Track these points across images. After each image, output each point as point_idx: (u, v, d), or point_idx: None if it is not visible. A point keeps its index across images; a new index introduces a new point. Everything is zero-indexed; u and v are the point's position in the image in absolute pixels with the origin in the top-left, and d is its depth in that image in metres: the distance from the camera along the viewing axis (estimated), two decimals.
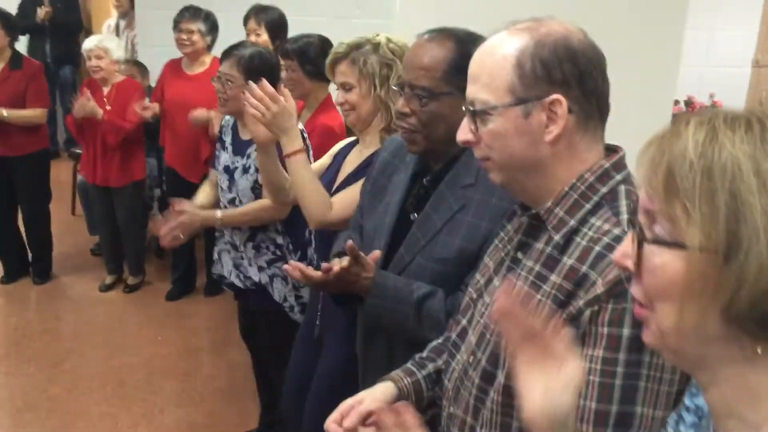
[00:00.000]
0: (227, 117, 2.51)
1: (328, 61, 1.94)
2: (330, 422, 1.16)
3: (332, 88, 2.19)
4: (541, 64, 0.99)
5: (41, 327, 3.77)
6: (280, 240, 2.42)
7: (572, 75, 1.00)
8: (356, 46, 1.86)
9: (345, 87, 1.89)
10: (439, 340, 1.35)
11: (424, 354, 1.33)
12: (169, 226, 2.34)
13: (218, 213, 2.39)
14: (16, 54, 3.95)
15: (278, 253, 2.42)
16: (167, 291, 4.14)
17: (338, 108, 2.03)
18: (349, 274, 1.45)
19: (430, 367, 1.29)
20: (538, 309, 0.82)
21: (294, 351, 2.20)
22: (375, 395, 1.21)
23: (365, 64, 1.84)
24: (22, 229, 4.20)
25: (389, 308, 1.48)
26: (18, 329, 3.77)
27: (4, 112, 3.79)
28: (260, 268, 2.43)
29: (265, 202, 2.33)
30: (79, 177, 4.46)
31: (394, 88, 1.60)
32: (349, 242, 1.44)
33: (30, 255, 4.23)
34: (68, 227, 4.78)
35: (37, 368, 3.36)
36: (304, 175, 1.83)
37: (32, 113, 3.90)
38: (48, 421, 2.98)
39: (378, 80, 1.84)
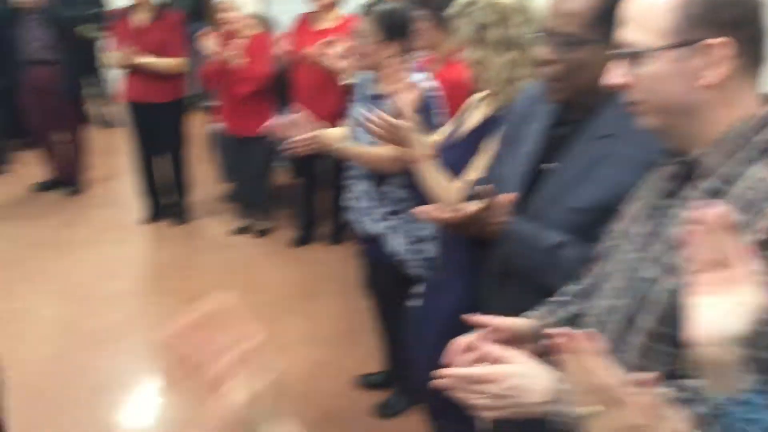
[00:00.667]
0: (364, 71, 2.58)
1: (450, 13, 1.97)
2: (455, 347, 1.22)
3: None
4: (710, 4, 0.97)
5: (180, 264, 4.08)
6: (401, 194, 2.48)
7: (739, 18, 0.97)
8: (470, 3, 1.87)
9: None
10: (573, 287, 1.36)
11: (557, 300, 1.36)
12: (299, 139, 2.43)
13: (341, 143, 2.45)
14: (158, 5, 4.19)
15: (399, 206, 2.49)
16: (293, 237, 4.36)
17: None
18: (482, 217, 1.49)
19: (563, 312, 1.32)
20: (734, 234, 0.80)
21: (418, 297, 2.28)
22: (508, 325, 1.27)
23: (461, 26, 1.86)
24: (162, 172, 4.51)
25: (521, 254, 1.51)
26: (160, 265, 4.10)
27: (145, 59, 4.05)
28: (380, 219, 2.52)
29: (384, 150, 2.39)
30: (214, 127, 4.73)
31: (536, 36, 1.61)
32: (485, 186, 1.48)
33: (171, 198, 4.54)
34: (202, 173, 5.07)
35: (176, 301, 3.65)
36: (431, 178, 1.90)
37: (174, 62, 4.15)
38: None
39: (472, 43, 1.85)
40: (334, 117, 3.39)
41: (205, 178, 5.06)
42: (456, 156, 1.98)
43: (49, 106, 4.65)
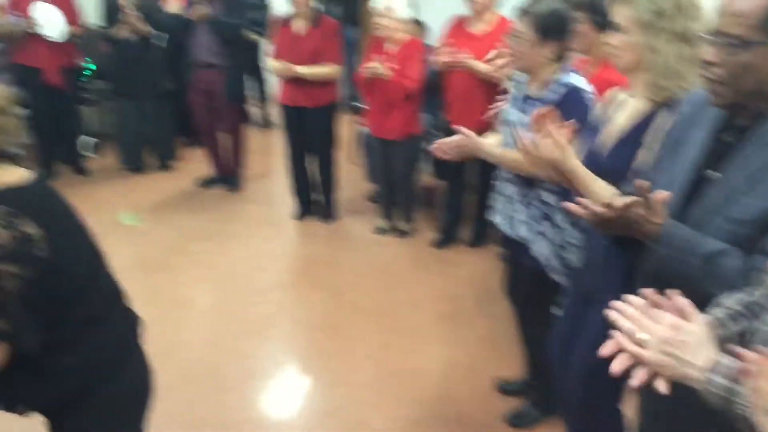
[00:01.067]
0: (518, 72, 2.57)
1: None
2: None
3: None
4: None
5: (326, 260, 4.25)
6: (549, 198, 2.43)
7: None
8: None
9: (616, 28, 1.87)
10: (742, 299, 1.28)
11: (725, 310, 1.27)
12: (447, 143, 2.48)
13: (490, 147, 2.46)
14: (317, 13, 4.37)
15: (545, 210, 2.45)
16: (435, 239, 4.40)
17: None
18: (635, 214, 1.44)
19: (733, 325, 1.24)
20: None
21: (563, 304, 2.23)
22: None
23: (637, 6, 1.80)
24: (311, 172, 4.71)
25: (676, 258, 1.43)
26: (307, 260, 4.29)
27: (303, 70, 4.25)
28: (526, 224, 2.49)
29: None
30: (361, 129, 4.87)
31: (701, 36, 1.54)
32: (642, 181, 1.43)
33: (318, 196, 4.74)
34: (349, 174, 5.24)
35: (323, 295, 3.81)
36: (585, 177, 1.85)
37: (329, 69, 4.32)
38: (333, 341, 3.39)
39: (645, 27, 1.78)
40: (486, 122, 3.39)
41: (352, 177, 5.23)
42: (611, 155, 1.92)
43: (213, 107, 5.00)
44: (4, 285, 1.43)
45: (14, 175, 1.59)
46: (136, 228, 4.62)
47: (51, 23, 4.92)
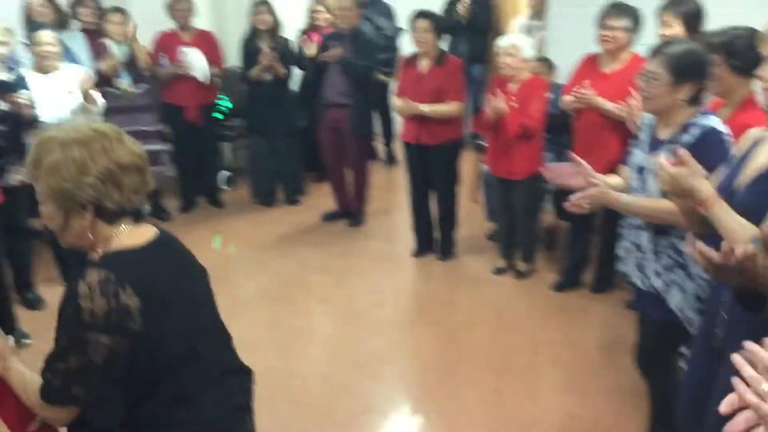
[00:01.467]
0: (647, 115, 2.47)
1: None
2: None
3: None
4: None
5: (442, 298, 4.22)
6: (682, 246, 2.30)
7: None
8: None
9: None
10: None
11: None
12: (578, 195, 2.40)
13: (623, 197, 2.36)
14: (441, 52, 4.42)
15: (679, 259, 2.32)
16: (555, 281, 4.27)
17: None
18: (757, 265, 1.33)
19: None
20: None
21: (690, 359, 2.09)
22: None
23: None
24: (432, 210, 4.72)
25: None
26: (423, 298, 4.28)
27: (426, 108, 4.30)
28: (658, 273, 2.37)
29: (668, 203, 2.24)
30: (482, 167, 4.84)
31: None
32: (766, 228, 1.32)
33: (437, 233, 4.74)
34: (468, 212, 5.21)
35: (437, 334, 3.78)
36: (726, 219, 1.73)
37: (450, 108, 4.34)
38: (445, 382, 3.35)
39: None
40: (614, 164, 3.28)
41: (472, 215, 5.19)
42: (748, 191, 1.79)
43: (341, 144, 5.16)
44: (91, 355, 1.42)
45: (133, 235, 1.54)
46: (263, 259, 4.82)
47: (196, 65, 5.29)
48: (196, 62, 5.28)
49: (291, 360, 3.56)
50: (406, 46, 5.56)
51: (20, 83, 3.85)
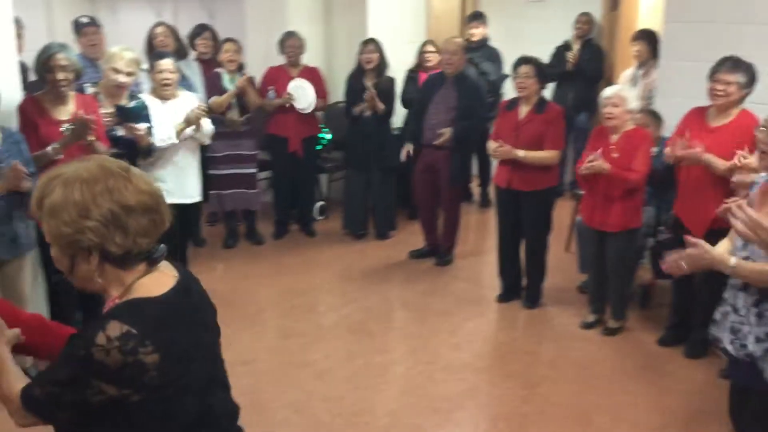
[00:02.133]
0: (762, 174, 2.34)
1: None
2: None
3: None
4: None
5: (523, 348, 4.09)
6: None
7: None
8: None
9: None
10: None
11: None
12: (678, 254, 2.30)
13: (732, 260, 2.22)
14: (541, 99, 4.37)
15: None
16: (648, 342, 4.06)
17: None
18: None
19: None
20: None
21: None
22: None
23: None
24: (521, 256, 4.62)
25: None
26: (504, 345, 4.17)
27: (522, 153, 4.24)
28: (758, 339, 2.21)
29: None
30: (578, 217, 4.70)
31: None
32: None
33: (525, 280, 4.63)
34: (560, 262, 5.07)
35: (514, 385, 3.66)
36: None
37: (547, 155, 4.26)
38: None
39: None
40: (718, 220, 3.12)
41: (563, 265, 5.04)
42: None
43: (436, 184, 5.16)
44: (89, 396, 1.36)
45: (156, 282, 1.46)
46: (346, 291, 4.85)
47: (303, 97, 5.46)
48: (302, 94, 5.44)
49: (363, 394, 3.54)
50: (510, 91, 5.55)
51: (142, 111, 4.03)
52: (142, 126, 3.92)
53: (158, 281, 1.46)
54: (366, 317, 4.45)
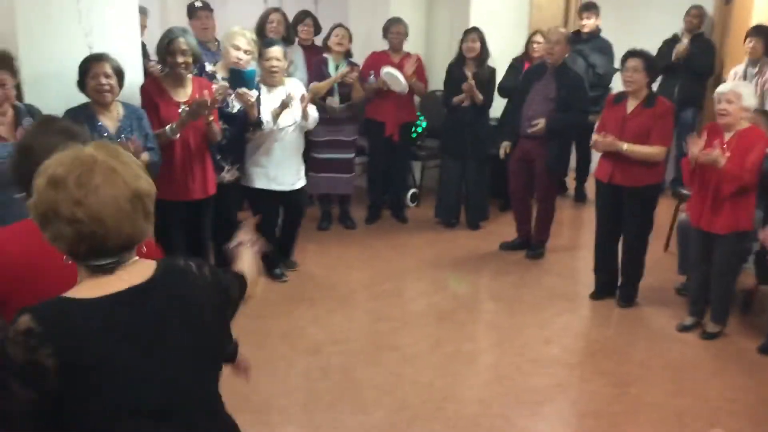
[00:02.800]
0: None
1: None
2: None
3: None
4: None
5: (616, 347, 4.02)
6: None
7: None
8: None
9: None
10: None
11: None
12: None
13: None
14: (651, 93, 4.23)
15: None
16: (748, 348, 3.91)
17: None
18: None
19: None
20: None
21: None
22: None
23: None
24: (619, 253, 4.52)
25: None
26: (596, 343, 4.11)
27: (625, 146, 4.12)
28: None
29: None
30: (681, 216, 4.56)
31: None
32: None
33: (620, 278, 4.53)
34: (658, 262, 4.93)
35: (605, 383, 3.61)
36: None
37: (653, 150, 4.13)
38: None
39: None
40: None
41: (662, 265, 4.90)
42: None
43: (531, 175, 5.12)
44: (4, 401, 1.28)
45: (92, 284, 1.37)
46: (436, 278, 4.90)
47: (394, 83, 5.50)
48: (393, 80, 5.48)
49: (451, 381, 3.58)
50: (618, 85, 5.41)
51: (253, 78, 4.13)
52: (253, 93, 4.05)
53: (99, 284, 1.37)
54: (455, 306, 4.48)
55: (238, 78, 4.02)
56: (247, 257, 1.87)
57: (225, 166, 4.21)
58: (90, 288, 1.36)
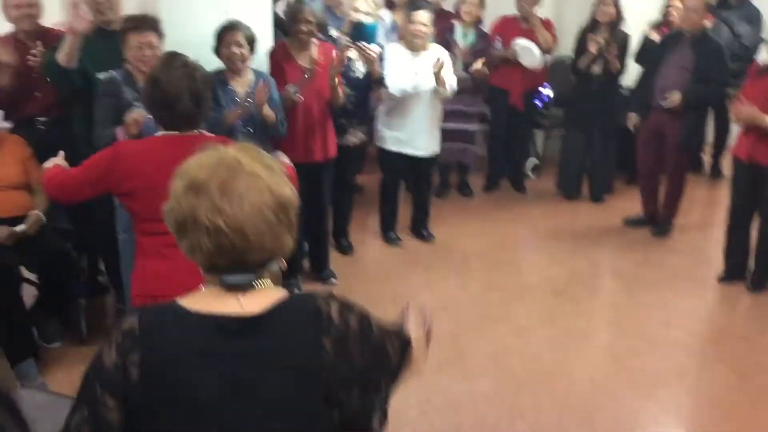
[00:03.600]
0: None
1: None
2: None
3: None
4: None
5: (742, 333, 3.80)
6: None
7: None
8: None
9: None
10: None
11: None
12: None
13: None
14: None
15: None
16: None
17: None
18: None
19: None
20: None
21: None
22: None
23: None
24: (752, 235, 4.24)
25: None
26: (720, 328, 3.90)
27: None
28: None
29: None
30: None
31: None
32: None
33: (753, 262, 4.24)
34: None
35: (727, 371, 3.43)
36: None
37: None
38: (726, 423, 3.04)
39: None
40: None
41: None
42: None
43: (661, 149, 4.86)
44: (96, 420, 1.17)
45: (208, 294, 1.25)
46: (553, 252, 4.80)
47: (528, 57, 5.36)
48: (528, 54, 5.34)
49: (561, 357, 3.52)
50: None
51: (374, 32, 4.16)
52: (374, 48, 4.10)
53: (216, 297, 1.23)
54: (571, 281, 4.38)
55: (359, 32, 4.08)
56: (414, 325, 1.54)
57: (349, 129, 4.30)
58: (205, 299, 1.23)
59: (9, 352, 3.09)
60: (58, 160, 2.43)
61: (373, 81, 4.23)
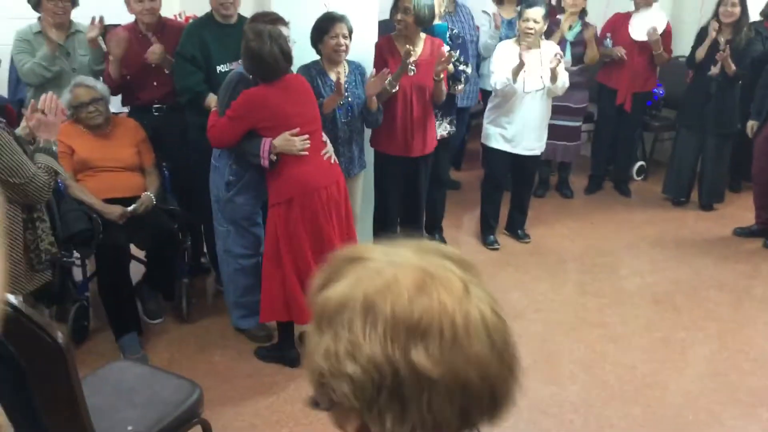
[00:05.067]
0: None
1: None
2: None
3: None
4: None
5: None
6: None
7: None
8: None
9: None
10: None
11: None
12: None
13: None
14: None
15: None
16: None
17: None
18: None
19: None
20: None
21: None
22: None
23: None
24: None
25: None
26: None
27: None
28: None
29: None
30: None
31: None
32: None
33: None
34: None
35: None
36: None
37: None
38: None
39: None
40: None
41: None
42: None
43: None
44: None
45: None
46: (656, 258, 4.61)
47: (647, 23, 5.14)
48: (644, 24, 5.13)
49: (657, 368, 3.39)
50: None
51: (441, 32, 4.07)
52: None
53: None
54: (673, 289, 4.19)
55: (430, 32, 4.04)
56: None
57: (440, 121, 4.27)
58: None
59: (115, 326, 3.32)
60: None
61: (449, 77, 4.14)
